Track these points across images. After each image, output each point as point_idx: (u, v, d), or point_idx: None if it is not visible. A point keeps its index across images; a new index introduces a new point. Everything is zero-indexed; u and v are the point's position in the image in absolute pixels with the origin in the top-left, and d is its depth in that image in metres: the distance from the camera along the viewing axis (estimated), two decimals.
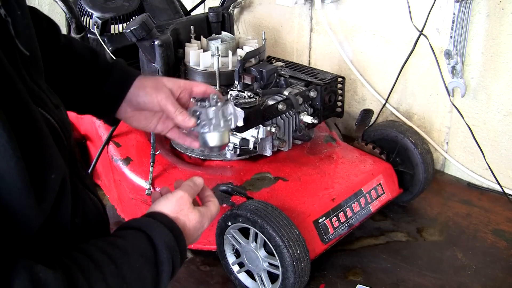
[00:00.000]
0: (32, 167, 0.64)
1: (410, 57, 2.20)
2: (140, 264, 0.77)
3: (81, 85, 0.99)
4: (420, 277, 1.74)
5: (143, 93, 0.98)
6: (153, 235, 0.80)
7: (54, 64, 0.94)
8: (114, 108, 1.00)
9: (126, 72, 1.01)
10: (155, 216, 0.84)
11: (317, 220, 1.70)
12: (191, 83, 1.04)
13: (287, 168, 1.87)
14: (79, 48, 1.00)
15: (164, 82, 1.00)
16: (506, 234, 1.94)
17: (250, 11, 2.80)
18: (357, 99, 2.53)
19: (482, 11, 1.96)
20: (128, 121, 1.03)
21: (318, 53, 2.60)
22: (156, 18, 2.14)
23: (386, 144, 2.00)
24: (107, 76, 0.99)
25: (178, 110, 0.98)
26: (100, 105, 1.01)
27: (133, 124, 1.04)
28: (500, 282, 1.72)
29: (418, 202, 2.11)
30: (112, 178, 2.00)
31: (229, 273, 1.72)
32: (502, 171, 2.12)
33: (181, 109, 0.99)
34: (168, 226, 0.83)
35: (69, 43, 0.99)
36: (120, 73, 1.00)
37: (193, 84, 1.03)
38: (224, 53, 1.87)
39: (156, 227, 0.81)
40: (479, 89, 2.08)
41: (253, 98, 1.69)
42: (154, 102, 0.98)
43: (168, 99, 0.98)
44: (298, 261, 1.51)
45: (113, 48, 2.04)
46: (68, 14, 1.77)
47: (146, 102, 0.98)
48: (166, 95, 0.98)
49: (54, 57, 0.94)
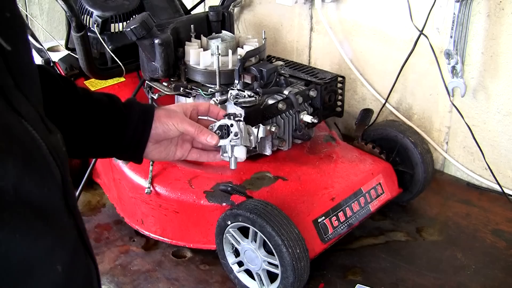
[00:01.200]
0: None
1: (410, 56, 2.20)
2: None
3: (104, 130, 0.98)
4: (419, 277, 1.74)
5: (159, 125, 1.00)
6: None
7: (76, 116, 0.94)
8: (141, 150, 1.01)
9: (144, 112, 1.01)
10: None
11: (316, 220, 1.70)
12: (195, 103, 1.09)
13: (286, 167, 1.87)
14: (96, 94, 1.00)
15: (173, 108, 1.04)
16: (506, 234, 1.94)
17: (250, 10, 2.80)
18: (357, 98, 2.53)
19: (482, 11, 1.96)
20: (149, 155, 1.04)
21: (318, 53, 2.60)
22: (156, 17, 2.14)
23: (385, 144, 2.00)
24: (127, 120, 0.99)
25: (198, 129, 1.02)
26: (125, 149, 1.01)
27: (155, 157, 1.05)
28: (499, 282, 1.72)
29: (418, 202, 2.11)
30: (111, 176, 2.00)
31: (228, 272, 1.72)
32: (502, 171, 2.12)
33: (200, 127, 1.02)
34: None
35: (87, 93, 0.99)
36: (138, 114, 1.01)
37: (197, 104, 1.08)
38: (224, 52, 1.86)
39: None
40: (479, 89, 2.08)
41: (253, 97, 1.69)
42: (172, 128, 1.00)
43: (184, 122, 1.01)
44: (297, 261, 1.51)
45: (113, 47, 2.03)
46: (68, 13, 1.76)
47: (165, 131, 1.01)
48: (181, 119, 1.01)
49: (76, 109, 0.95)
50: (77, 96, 0.97)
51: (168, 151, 1.05)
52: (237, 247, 1.66)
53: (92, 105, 0.97)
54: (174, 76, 1.90)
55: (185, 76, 1.89)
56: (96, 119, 0.97)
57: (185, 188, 1.79)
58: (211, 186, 1.77)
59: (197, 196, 1.75)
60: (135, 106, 1.02)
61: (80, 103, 0.96)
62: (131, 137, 0.99)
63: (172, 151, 1.05)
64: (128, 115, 0.99)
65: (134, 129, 0.99)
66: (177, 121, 1.00)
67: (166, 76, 1.88)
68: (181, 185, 1.80)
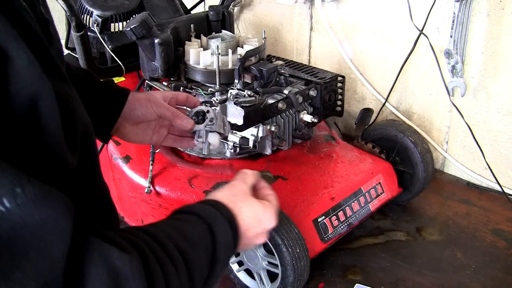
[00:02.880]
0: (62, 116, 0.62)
1: (410, 56, 2.20)
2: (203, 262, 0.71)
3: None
4: (419, 277, 1.74)
5: (138, 106, 1.04)
6: (215, 231, 0.74)
7: None
8: (111, 124, 1.03)
9: (119, 90, 1.05)
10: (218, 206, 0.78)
11: (316, 219, 1.70)
12: (175, 92, 1.12)
13: (286, 167, 1.87)
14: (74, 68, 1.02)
15: (153, 93, 1.08)
16: (506, 233, 1.94)
17: (250, 9, 2.80)
18: (357, 98, 2.53)
19: (482, 11, 1.96)
20: (126, 137, 1.07)
21: (318, 52, 2.60)
22: (156, 17, 2.14)
23: (385, 143, 2.00)
24: (101, 94, 1.02)
25: (175, 113, 1.05)
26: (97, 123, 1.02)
27: (131, 139, 1.07)
28: (499, 282, 1.72)
29: (418, 202, 2.11)
30: (111, 176, 2.00)
31: (228, 272, 1.72)
32: (502, 171, 2.12)
33: (177, 112, 1.05)
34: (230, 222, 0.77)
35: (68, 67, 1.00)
36: (114, 91, 1.05)
37: (177, 93, 1.11)
38: (224, 52, 1.86)
39: (219, 221, 0.76)
40: (479, 88, 2.08)
41: (253, 97, 1.69)
42: (150, 111, 1.04)
43: (162, 106, 1.04)
44: (297, 260, 1.51)
45: (113, 46, 2.03)
46: (68, 12, 1.76)
47: (144, 114, 1.04)
48: (160, 103, 1.05)
49: None
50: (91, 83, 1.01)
51: (145, 134, 1.07)
52: None
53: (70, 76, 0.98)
54: (174, 75, 1.90)
55: (185, 76, 1.89)
56: None
57: (185, 188, 1.79)
58: (211, 186, 1.77)
59: (197, 195, 1.75)
60: (111, 85, 1.05)
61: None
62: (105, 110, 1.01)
63: (149, 135, 1.08)
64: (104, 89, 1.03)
65: (108, 102, 1.02)
66: (155, 105, 1.04)
67: (166, 76, 1.88)
68: (181, 185, 1.80)
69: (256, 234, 0.83)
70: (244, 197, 0.84)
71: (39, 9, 0.69)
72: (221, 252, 0.74)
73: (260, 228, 0.83)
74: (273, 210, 0.87)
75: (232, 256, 0.80)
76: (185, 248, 0.69)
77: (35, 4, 0.67)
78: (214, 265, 0.73)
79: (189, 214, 0.77)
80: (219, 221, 0.76)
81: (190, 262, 0.69)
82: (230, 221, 0.77)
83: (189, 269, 0.68)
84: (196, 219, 0.75)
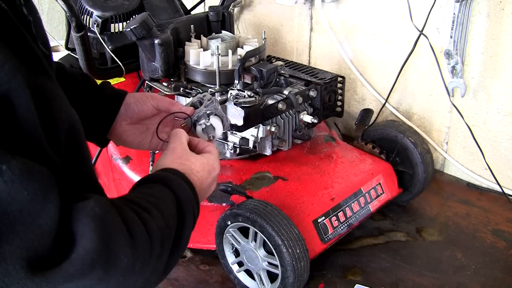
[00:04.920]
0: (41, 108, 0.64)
1: (410, 57, 2.20)
2: (173, 213, 0.79)
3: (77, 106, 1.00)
4: (419, 277, 1.74)
5: (134, 103, 1.04)
6: (175, 189, 0.82)
7: None
8: (107, 127, 1.03)
9: (115, 92, 1.05)
10: (170, 172, 0.86)
11: (316, 220, 1.70)
12: (165, 98, 1.11)
13: (286, 167, 1.87)
14: (71, 70, 1.03)
15: (149, 93, 1.10)
16: (506, 234, 1.94)
17: (250, 10, 2.80)
18: (357, 98, 2.53)
19: (482, 11, 1.96)
20: (124, 137, 1.05)
21: (318, 53, 2.60)
22: (156, 17, 2.14)
23: (385, 144, 2.00)
24: (97, 97, 1.02)
25: (171, 102, 1.05)
26: (92, 126, 1.02)
27: (128, 139, 1.06)
28: (499, 282, 1.72)
29: (418, 202, 2.11)
30: (111, 177, 2.00)
31: (228, 272, 1.72)
32: (502, 171, 2.12)
33: (173, 100, 1.06)
34: (185, 181, 0.85)
35: (62, 66, 1.01)
36: (109, 93, 1.04)
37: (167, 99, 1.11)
38: (224, 52, 1.86)
39: (175, 181, 0.84)
40: (479, 89, 2.08)
41: (253, 97, 1.69)
42: (147, 105, 1.04)
43: (157, 98, 1.05)
44: (297, 261, 1.51)
45: (113, 47, 2.03)
46: (68, 13, 1.76)
47: (140, 109, 1.04)
48: (155, 96, 1.06)
49: None
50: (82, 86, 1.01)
51: (144, 136, 1.07)
52: (237, 247, 1.66)
53: (65, 79, 0.99)
54: (174, 76, 1.90)
55: (185, 76, 1.89)
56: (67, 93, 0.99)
57: None
58: None
59: None
60: (107, 88, 1.05)
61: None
62: (101, 111, 1.01)
63: (148, 138, 1.07)
64: (101, 91, 1.03)
65: (105, 103, 1.02)
66: (151, 98, 1.05)
67: (166, 76, 1.88)
68: None
69: (208, 183, 0.93)
70: (188, 156, 0.91)
71: (20, 9, 0.69)
72: (186, 205, 0.82)
73: (210, 178, 0.94)
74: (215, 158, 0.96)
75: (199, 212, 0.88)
76: (154, 201, 0.77)
77: (15, 5, 0.68)
78: (183, 215, 0.81)
79: (148, 183, 0.84)
80: (175, 181, 0.84)
81: (162, 210, 0.76)
82: (185, 179, 0.85)
83: (164, 216, 0.76)
84: (156, 185, 0.83)
